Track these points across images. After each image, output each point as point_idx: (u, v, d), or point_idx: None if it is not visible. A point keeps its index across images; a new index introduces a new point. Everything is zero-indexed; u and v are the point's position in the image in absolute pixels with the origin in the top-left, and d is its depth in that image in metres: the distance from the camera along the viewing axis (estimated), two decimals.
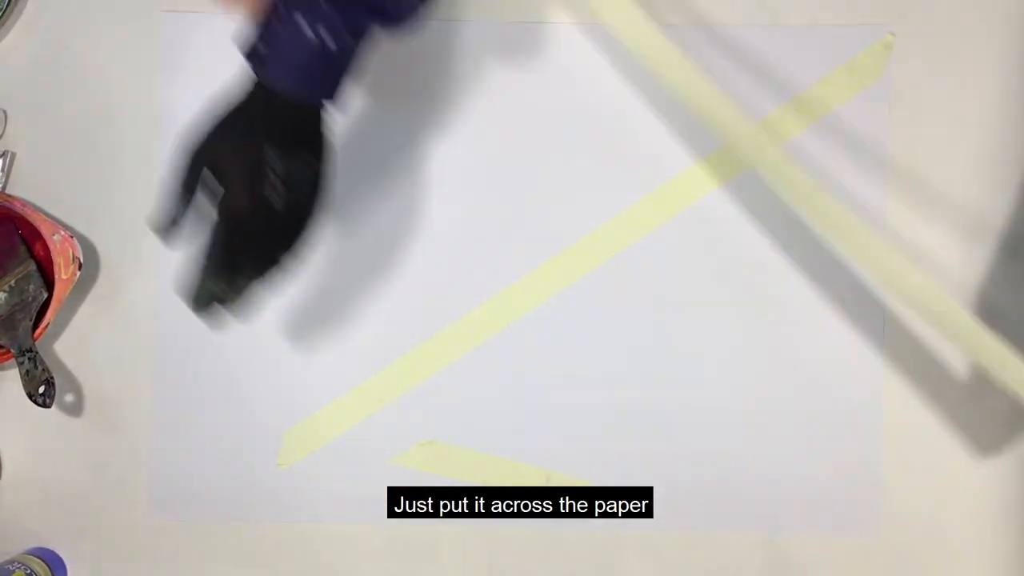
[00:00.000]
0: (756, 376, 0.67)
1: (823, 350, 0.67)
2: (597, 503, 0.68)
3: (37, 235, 0.65)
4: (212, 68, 0.68)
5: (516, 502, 0.68)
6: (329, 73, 0.50)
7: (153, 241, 0.68)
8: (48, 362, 0.67)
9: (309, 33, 0.48)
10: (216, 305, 0.52)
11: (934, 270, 0.67)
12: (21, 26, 0.68)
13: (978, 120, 0.67)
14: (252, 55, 0.49)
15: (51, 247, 0.64)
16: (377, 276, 0.68)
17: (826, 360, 0.67)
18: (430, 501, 0.68)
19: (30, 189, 0.68)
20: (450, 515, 0.68)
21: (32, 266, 0.66)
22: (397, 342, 0.68)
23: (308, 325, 0.68)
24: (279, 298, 0.67)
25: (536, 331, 0.68)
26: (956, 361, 0.67)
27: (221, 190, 0.50)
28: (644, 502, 0.67)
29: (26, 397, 0.64)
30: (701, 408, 0.67)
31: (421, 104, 0.68)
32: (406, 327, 0.68)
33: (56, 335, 0.68)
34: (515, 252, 0.68)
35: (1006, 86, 0.67)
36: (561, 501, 0.68)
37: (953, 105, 0.67)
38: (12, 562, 0.64)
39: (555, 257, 0.68)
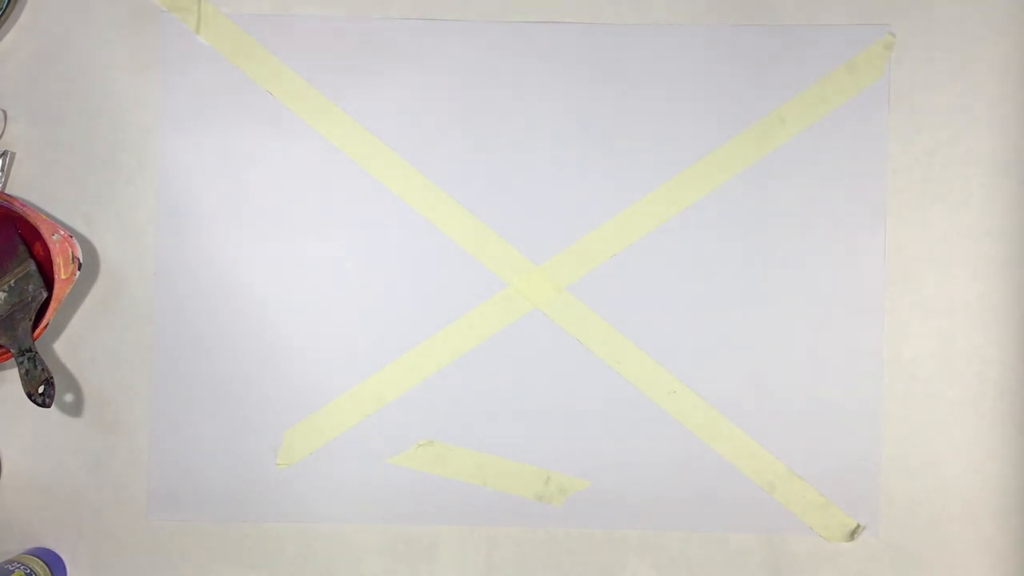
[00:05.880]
0: (756, 377, 0.67)
1: (823, 350, 0.67)
2: (597, 503, 0.68)
3: (37, 235, 0.65)
4: (212, 67, 0.68)
5: (515, 502, 0.68)
6: None
7: (153, 241, 0.68)
8: (48, 362, 0.67)
9: None
10: None
11: (934, 269, 0.67)
12: (21, 26, 0.68)
13: (978, 120, 0.67)
14: None
15: (51, 247, 0.64)
16: (377, 276, 0.68)
17: (826, 360, 0.67)
18: (430, 501, 0.68)
19: (30, 189, 0.68)
20: (450, 515, 0.68)
21: (32, 266, 0.66)
22: (396, 342, 0.68)
23: (308, 325, 0.68)
24: (279, 298, 0.67)
25: (536, 331, 0.68)
26: (956, 361, 0.67)
27: None
28: (644, 502, 0.67)
29: (26, 397, 0.64)
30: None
31: (422, 103, 0.68)
32: (406, 327, 0.68)
33: (56, 335, 0.68)
34: (515, 252, 0.68)
35: (1006, 86, 0.67)
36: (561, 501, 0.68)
37: (953, 105, 0.67)
38: (12, 562, 0.64)
39: (555, 257, 0.68)
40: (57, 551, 0.68)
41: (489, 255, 0.68)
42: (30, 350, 0.64)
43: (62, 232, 0.65)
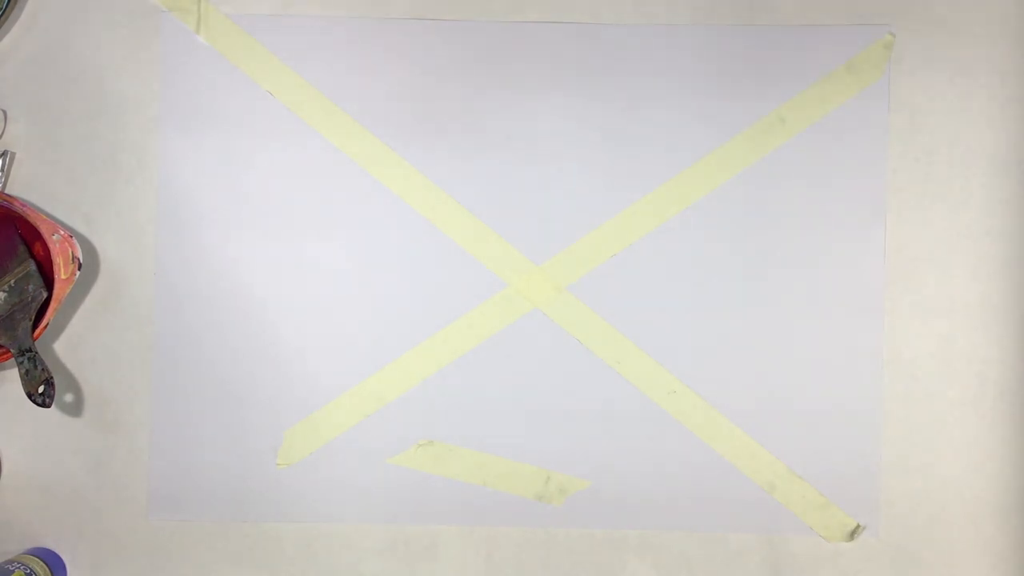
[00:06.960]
0: (756, 377, 0.67)
1: (823, 350, 0.67)
2: (597, 503, 0.67)
3: (37, 235, 0.65)
4: (212, 67, 0.68)
5: (515, 502, 0.68)
6: None
7: (153, 241, 0.68)
8: (48, 362, 0.67)
9: None
10: None
11: (934, 269, 0.67)
12: (21, 26, 0.68)
13: (978, 120, 0.67)
14: None
15: (51, 247, 0.64)
16: (377, 276, 0.68)
17: (826, 360, 0.67)
18: (430, 501, 0.68)
19: (30, 189, 0.68)
20: (450, 515, 0.68)
21: (32, 266, 0.66)
22: (397, 342, 0.68)
23: (308, 325, 0.68)
24: (279, 298, 0.68)
25: (536, 331, 0.68)
26: (956, 361, 0.67)
27: None
28: (644, 502, 0.67)
29: (26, 397, 0.64)
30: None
31: (422, 103, 0.68)
32: (406, 327, 0.68)
33: (56, 335, 0.68)
34: (515, 252, 0.68)
35: (1006, 86, 0.67)
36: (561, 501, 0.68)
37: (953, 105, 0.67)
38: (12, 562, 0.64)
39: (555, 257, 0.68)
40: (57, 551, 0.68)
41: (489, 255, 0.68)
42: (30, 350, 0.64)
43: (62, 232, 0.65)
